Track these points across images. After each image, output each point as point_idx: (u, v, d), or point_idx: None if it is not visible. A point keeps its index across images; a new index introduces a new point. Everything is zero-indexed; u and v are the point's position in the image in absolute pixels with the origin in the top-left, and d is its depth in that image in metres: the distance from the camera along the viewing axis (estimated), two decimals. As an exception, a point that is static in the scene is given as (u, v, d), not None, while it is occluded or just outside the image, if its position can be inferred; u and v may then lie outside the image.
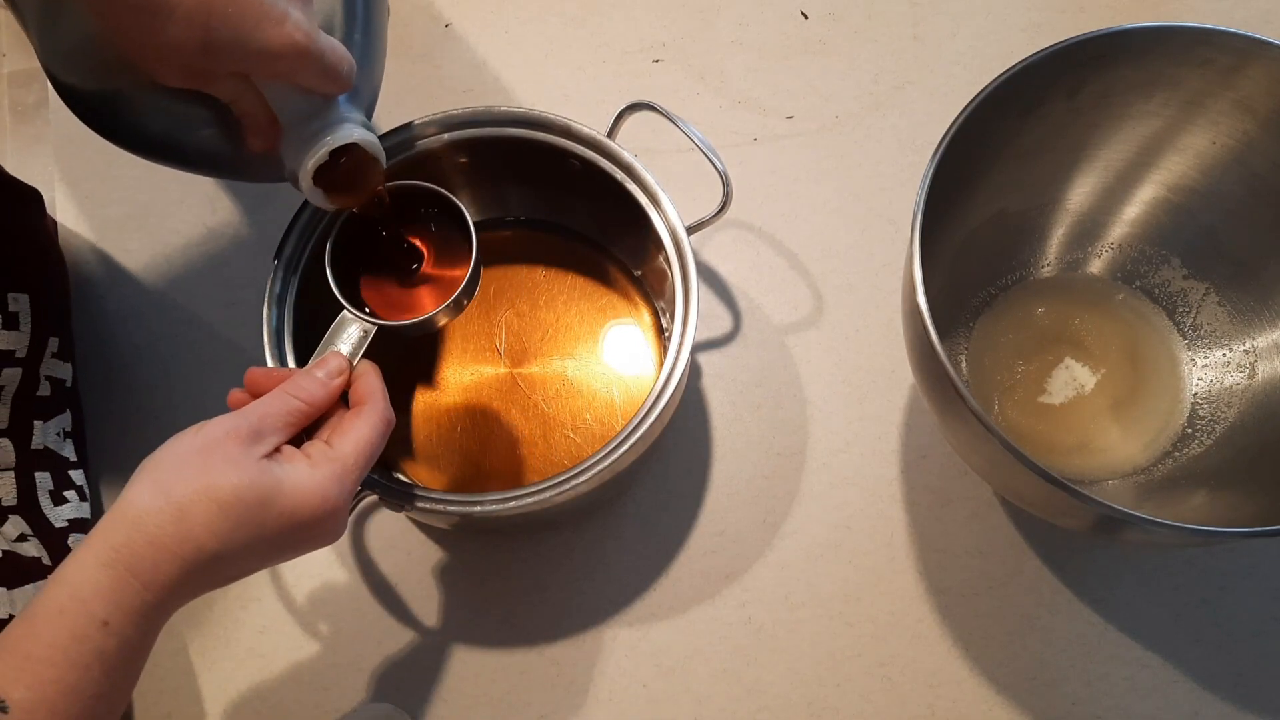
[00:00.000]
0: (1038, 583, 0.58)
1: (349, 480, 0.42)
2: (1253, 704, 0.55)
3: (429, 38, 0.73)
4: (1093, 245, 0.61)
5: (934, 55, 0.71)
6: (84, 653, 0.36)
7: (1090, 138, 0.55)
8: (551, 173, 0.57)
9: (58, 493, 0.57)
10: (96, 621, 0.36)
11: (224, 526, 0.38)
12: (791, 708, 0.56)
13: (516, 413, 0.59)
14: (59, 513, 0.57)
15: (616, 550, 0.59)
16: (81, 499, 0.59)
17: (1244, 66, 0.48)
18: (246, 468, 0.39)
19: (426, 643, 0.58)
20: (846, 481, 0.60)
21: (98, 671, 0.36)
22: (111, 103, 0.45)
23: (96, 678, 0.36)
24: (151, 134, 0.46)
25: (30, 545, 0.54)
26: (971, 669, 0.56)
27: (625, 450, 0.48)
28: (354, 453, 0.42)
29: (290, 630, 0.58)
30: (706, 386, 0.63)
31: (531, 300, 0.61)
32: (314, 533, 0.41)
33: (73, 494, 0.58)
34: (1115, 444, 0.58)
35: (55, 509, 0.57)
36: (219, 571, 0.39)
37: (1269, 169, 0.52)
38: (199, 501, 0.38)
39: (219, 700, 0.57)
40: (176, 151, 0.47)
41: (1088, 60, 0.49)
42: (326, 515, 0.41)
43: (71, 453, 0.60)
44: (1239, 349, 0.57)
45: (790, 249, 0.66)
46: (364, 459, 0.42)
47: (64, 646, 0.36)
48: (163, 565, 0.37)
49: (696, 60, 0.71)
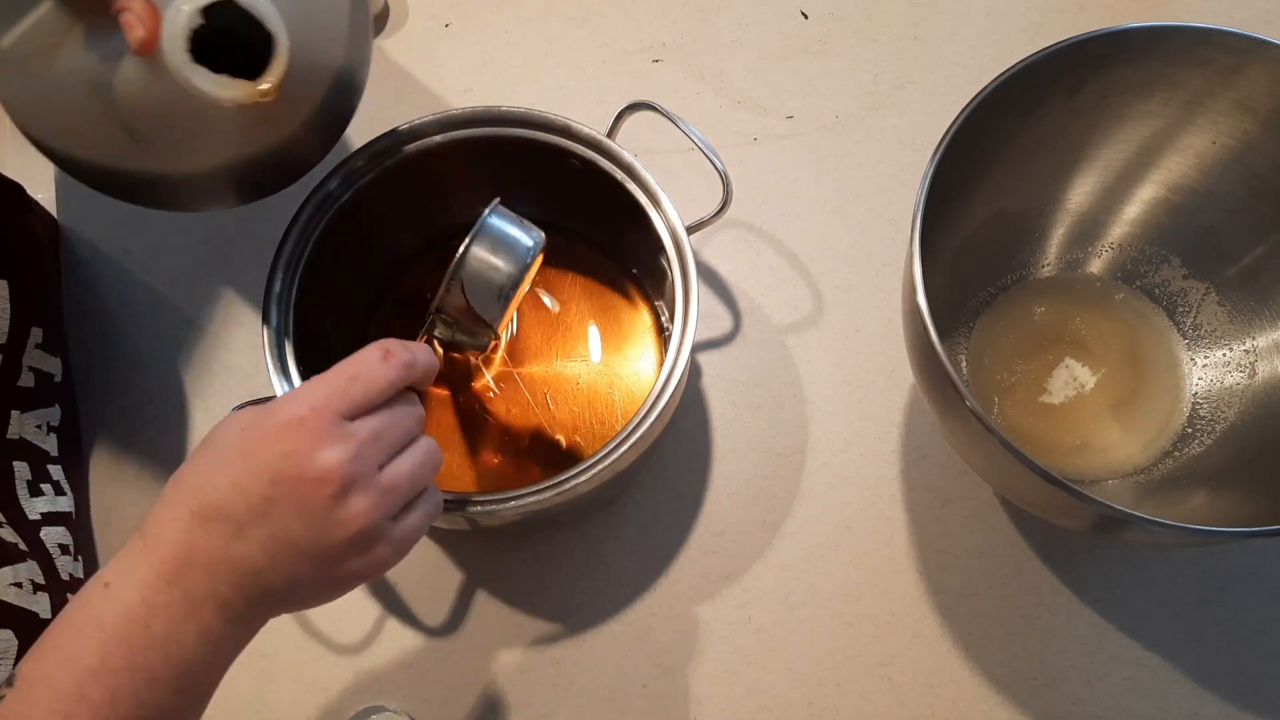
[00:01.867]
0: (1038, 583, 0.58)
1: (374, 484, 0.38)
2: (1252, 704, 0.55)
3: (429, 38, 0.73)
4: (1093, 245, 0.61)
5: (934, 55, 0.71)
6: (82, 620, 0.36)
7: (1090, 137, 0.55)
8: (552, 173, 0.57)
9: (35, 484, 0.57)
10: (99, 584, 0.36)
11: (209, 462, 0.37)
12: (791, 708, 0.56)
13: (517, 413, 0.59)
14: (34, 504, 0.56)
15: (616, 550, 0.59)
16: (58, 493, 0.58)
17: (1244, 66, 0.48)
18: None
19: (426, 643, 0.58)
20: (846, 481, 0.60)
21: (93, 642, 0.35)
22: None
23: (92, 648, 0.35)
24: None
25: (5, 531, 0.53)
26: (971, 669, 0.56)
27: (625, 450, 0.48)
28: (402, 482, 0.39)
29: (290, 631, 0.58)
30: (706, 386, 0.63)
31: (532, 300, 0.61)
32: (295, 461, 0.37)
33: (49, 488, 0.58)
34: (1115, 444, 0.58)
35: (31, 500, 0.56)
36: (227, 542, 0.37)
37: (1269, 169, 0.52)
38: (196, 454, 0.38)
39: (219, 700, 0.57)
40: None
41: (1088, 60, 0.49)
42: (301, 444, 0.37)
43: (54, 447, 0.59)
44: (1239, 349, 0.57)
45: (790, 249, 0.66)
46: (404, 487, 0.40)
47: (69, 611, 0.36)
48: (163, 522, 0.37)
49: (696, 60, 0.71)
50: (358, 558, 0.38)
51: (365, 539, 0.38)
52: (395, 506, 0.39)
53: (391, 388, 0.40)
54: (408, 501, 0.40)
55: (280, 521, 0.37)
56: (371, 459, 0.38)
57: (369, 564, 0.39)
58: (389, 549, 0.39)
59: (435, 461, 0.41)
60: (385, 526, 0.39)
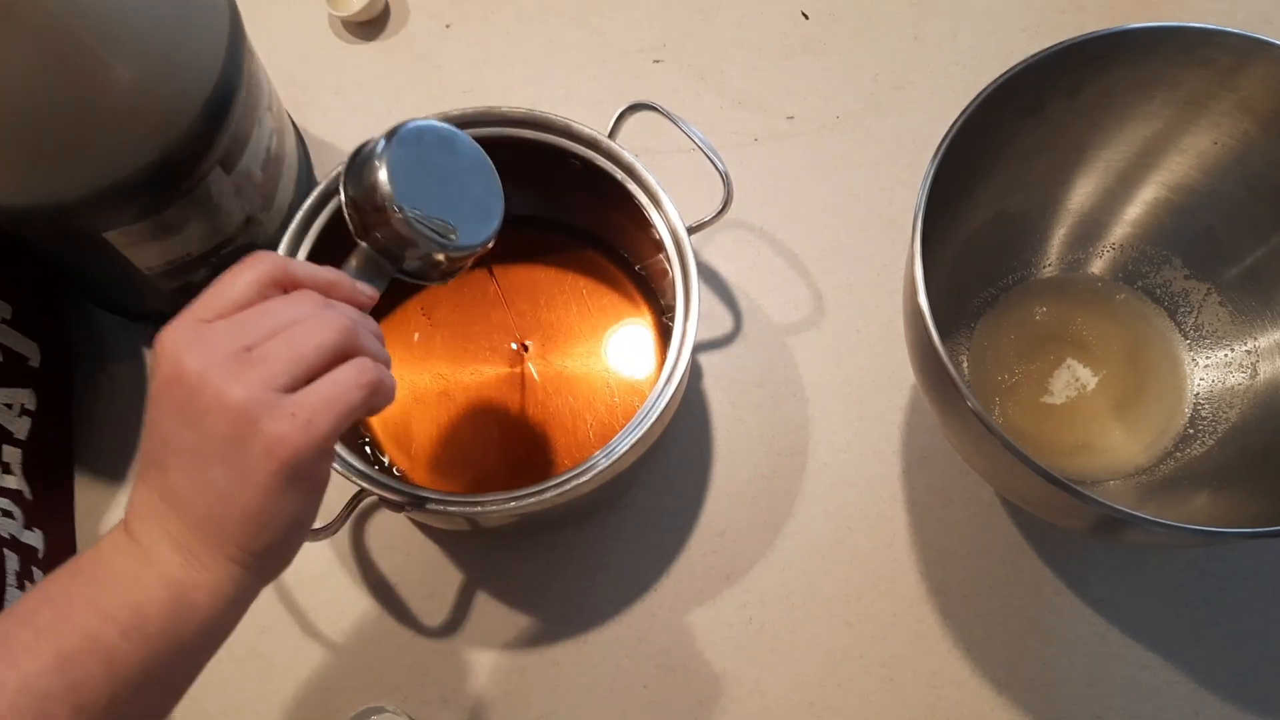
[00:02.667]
0: (1039, 583, 0.58)
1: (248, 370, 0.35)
2: (1253, 705, 0.55)
3: (429, 38, 0.73)
4: (1094, 245, 0.61)
5: (934, 56, 0.71)
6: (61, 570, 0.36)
7: (1091, 138, 0.55)
8: (552, 173, 0.57)
9: None
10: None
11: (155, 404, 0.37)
12: (792, 708, 0.56)
13: (517, 413, 0.59)
14: None
15: (617, 550, 0.59)
16: (5, 472, 0.57)
17: (1245, 66, 0.48)
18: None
19: (427, 643, 0.58)
20: (847, 482, 0.60)
21: (60, 577, 0.36)
22: None
23: (58, 579, 0.36)
24: None
25: None
26: (973, 669, 0.56)
27: (625, 450, 0.48)
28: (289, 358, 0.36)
29: (291, 631, 0.58)
30: (707, 386, 0.63)
31: (532, 300, 0.61)
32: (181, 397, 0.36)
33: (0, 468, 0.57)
34: (1117, 444, 0.58)
35: None
36: (160, 481, 0.37)
37: (1269, 168, 0.52)
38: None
39: (220, 700, 0.57)
40: None
41: (1088, 60, 0.49)
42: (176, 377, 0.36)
43: (22, 431, 0.58)
44: (1240, 349, 0.57)
45: (791, 249, 0.66)
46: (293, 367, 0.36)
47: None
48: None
49: (697, 60, 0.71)
50: (255, 441, 0.35)
51: (249, 416, 0.35)
52: (278, 376, 0.36)
53: (252, 287, 0.38)
54: (314, 373, 0.37)
55: (173, 437, 0.36)
56: (228, 341, 0.36)
57: (273, 443, 0.35)
58: (287, 421, 0.35)
59: (336, 326, 0.37)
60: (271, 398, 0.35)
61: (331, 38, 0.73)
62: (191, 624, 0.36)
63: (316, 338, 0.37)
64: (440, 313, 0.61)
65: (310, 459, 0.36)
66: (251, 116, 0.54)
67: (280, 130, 0.60)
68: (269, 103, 0.58)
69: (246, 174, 0.55)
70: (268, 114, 0.57)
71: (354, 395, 0.37)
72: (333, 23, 0.74)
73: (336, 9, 0.72)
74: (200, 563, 0.37)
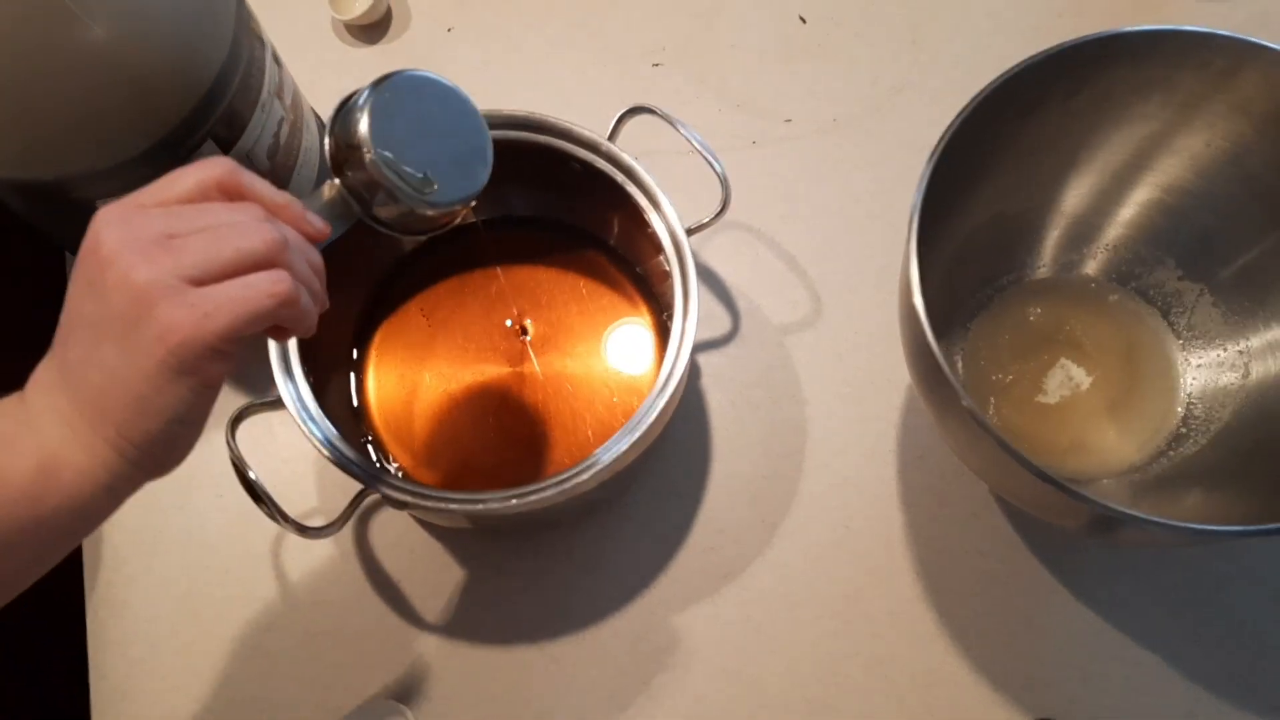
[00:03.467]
0: (1035, 582, 0.58)
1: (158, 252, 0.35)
2: (1248, 703, 0.55)
3: (431, 41, 0.73)
4: (1088, 246, 0.61)
5: (932, 59, 0.71)
6: None
7: (1087, 140, 0.55)
8: (553, 175, 0.57)
9: None
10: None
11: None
12: (790, 706, 0.56)
13: (517, 412, 0.60)
14: None
15: (616, 549, 0.60)
16: None
17: (1240, 69, 0.49)
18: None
19: (428, 640, 0.58)
20: (845, 481, 0.61)
21: None
22: None
23: None
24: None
25: None
26: (969, 668, 0.57)
27: (625, 450, 0.49)
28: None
29: (293, 628, 0.59)
30: (706, 386, 0.63)
31: (532, 300, 0.62)
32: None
33: None
34: (1111, 444, 0.59)
35: None
36: (62, 333, 0.37)
37: (1264, 170, 0.52)
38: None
39: (222, 698, 0.58)
40: None
41: (1085, 63, 0.49)
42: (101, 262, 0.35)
43: None
44: (1233, 349, 0.58)
45: (789, 250, 0.66)
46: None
47: None
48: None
49: (696, 64, 0.72)
50: (149, 324, 0.35)
51: (148, 298, 0.35)
52: (188, 267, 0.35)
53: (198, 185, 0.38)
54: (227, 274, 0.36)
55: (78, 310, 0.36)
56: (153, 227, 0.36)
57: (164, 329, 0.35)
58: (185, 310, 0.35)
59: (264, 237, 0.37)
60: (175, 285, 0.35)
61: (334, 41, 0.74)
62: (52, 499, 0.36)
63: (240, 241, 0.36)
64: (441, 312, 0.62)
65: (199, 353, 0.35)
66: (251, 98, 0.53)
67: (296, 123, 0.59)
68: (277, 89, 0.56)
69: (246, 158, 0.54)
70: (275, 100, 0.56)
71: (261, 302, 0.36)
72: (335, 26, 0.74)
73: (339, 12, 0.72)
74: (78, 441, 0.36)
